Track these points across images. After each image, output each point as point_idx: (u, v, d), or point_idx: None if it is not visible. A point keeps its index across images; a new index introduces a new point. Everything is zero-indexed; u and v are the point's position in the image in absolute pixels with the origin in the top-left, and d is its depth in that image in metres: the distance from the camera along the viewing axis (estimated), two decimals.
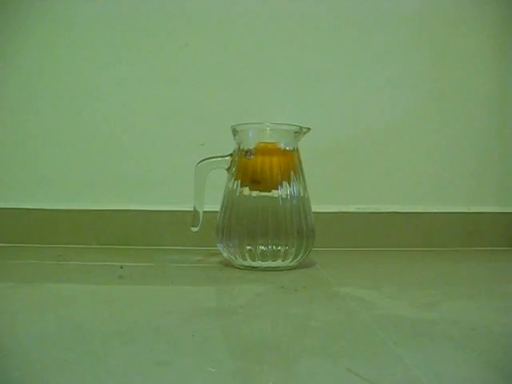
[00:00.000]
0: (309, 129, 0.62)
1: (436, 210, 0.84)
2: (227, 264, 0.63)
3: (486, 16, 0.85)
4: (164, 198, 0.81)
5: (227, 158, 0.63)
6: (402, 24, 0.83)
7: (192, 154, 0.69)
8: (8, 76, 0.82)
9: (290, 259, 0.60)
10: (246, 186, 0.60)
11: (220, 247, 0.62)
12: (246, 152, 0.60)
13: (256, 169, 0.60)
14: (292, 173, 0.61)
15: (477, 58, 0.86)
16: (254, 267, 0.60)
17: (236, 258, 0.60)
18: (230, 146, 0.64)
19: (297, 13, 0.83)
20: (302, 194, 0.62)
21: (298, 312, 0.43)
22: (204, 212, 0.66)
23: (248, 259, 0.60)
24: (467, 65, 0.86)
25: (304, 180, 0.63)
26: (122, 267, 0.61)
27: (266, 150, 0.61)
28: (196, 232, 0.66)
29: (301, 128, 0.61)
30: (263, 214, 0.59)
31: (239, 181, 0.61)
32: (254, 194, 0.60)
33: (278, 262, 0.59)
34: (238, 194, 0.61)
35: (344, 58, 0.81)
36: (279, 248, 0.59)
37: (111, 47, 0.83)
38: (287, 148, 0.62)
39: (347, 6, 0.81)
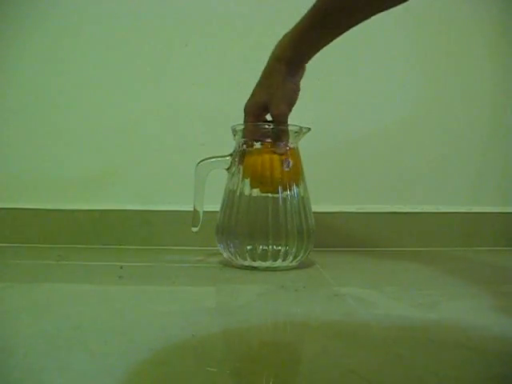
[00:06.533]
0: (309, 129, 0.62)
1: (436, 210, 0.84)
2: (227, 264, 0.63)
3: (487, 16, 0.85)
4: (164, 198, 0.81)
5: (227, 157, 0.63)
6: (403, 24, 0.83)
7: (192, 154, 0.69)
8: (9, 77, 0.82)
9: (290, 259, 0.60)
10: (255, 187, 0.60)
11: (220, 247, 0.62)
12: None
13: (265, 166, 0.60)
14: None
15: (478, 57, 0.86)
16: (254, 267, 0.60)
17: (236, 258, 0.60)
18: (230, 146, 0.64)
19: (296, 13, 0.83)
20: (302, 194, 0.62)
21: (298, 312, 0.43)
22: (204, 212, 0.66)
23: (248, 259, 0.60)
24: (468, 65, 0.86)
25: (304, 180, 0.63)
26: (121, 267, 0.61)
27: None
28: (196, 232, 0.66)
29: (301, 128, 0.61)
30: (263, 214, 0.59)
31: (247, 180, 0.60)
32: (255, 193, 0.60)
33: (279, 262, 0.59)
34: (238, 193, 0.61)
35: (344, 57, 0.81)
36: (279, 248, 0.59)
37: (111, 47, 0.82)
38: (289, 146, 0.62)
39: None
